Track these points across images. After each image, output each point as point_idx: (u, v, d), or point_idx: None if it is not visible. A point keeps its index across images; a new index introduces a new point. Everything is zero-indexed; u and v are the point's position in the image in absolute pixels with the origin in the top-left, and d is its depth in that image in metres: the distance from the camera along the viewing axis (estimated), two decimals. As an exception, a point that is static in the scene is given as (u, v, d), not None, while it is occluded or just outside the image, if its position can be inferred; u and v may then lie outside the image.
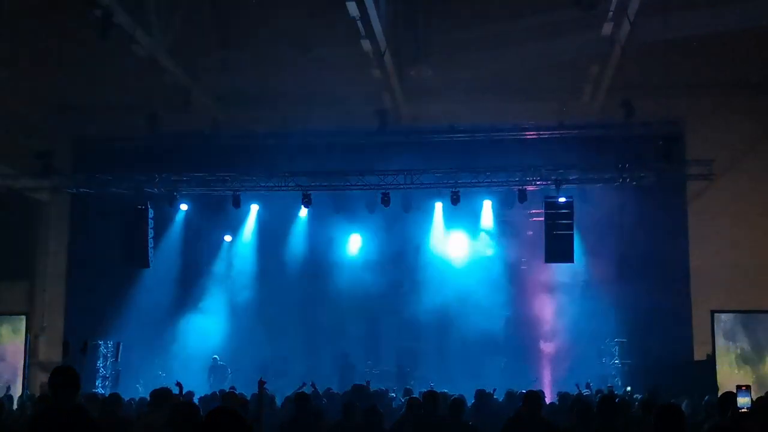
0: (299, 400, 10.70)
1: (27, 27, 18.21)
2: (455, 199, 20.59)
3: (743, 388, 9.28)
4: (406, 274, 22.88)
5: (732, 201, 20.97)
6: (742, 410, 8.89)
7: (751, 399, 9.48)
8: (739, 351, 19.30)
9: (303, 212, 22.51)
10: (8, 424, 10.70)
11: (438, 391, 11.70)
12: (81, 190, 22.12)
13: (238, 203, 21.67)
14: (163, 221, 22.53)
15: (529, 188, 20.49)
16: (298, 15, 18.92)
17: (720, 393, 10.86)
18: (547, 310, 22.02)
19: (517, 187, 20.51)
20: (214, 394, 14.52)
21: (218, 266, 23.74)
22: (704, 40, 18.17)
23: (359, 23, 17.11)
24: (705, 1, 17.56)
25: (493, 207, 22.41)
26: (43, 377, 20.77)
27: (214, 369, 21.76)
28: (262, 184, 21.64)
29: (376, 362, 22.23)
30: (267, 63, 20.52)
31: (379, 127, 21.39)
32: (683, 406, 12.32)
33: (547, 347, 21.95)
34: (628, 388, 18.32)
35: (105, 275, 22.02)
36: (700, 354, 20.43)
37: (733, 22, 17.42)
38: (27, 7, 17.49)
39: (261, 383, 11.30)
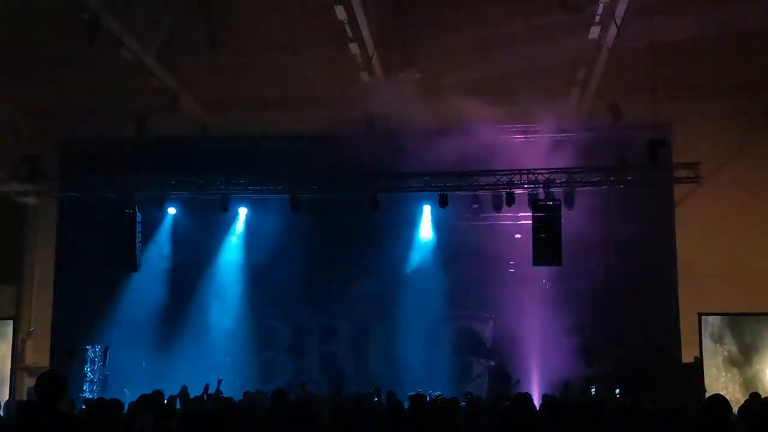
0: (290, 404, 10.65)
1: (13, 30, 18.18)
2: (443, 202, 20.60)
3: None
4: (393, 276, 22.87)
5: (719, 204, 21.05)
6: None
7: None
8: (726, 353, 19.37)
9: (291, 216, 22.43)
10: (-5, 429, 10.66)
11: (426, 393, 11.68)
12: (68, 194, 22.03)
13: (226, 207, 21.62)
14: (151, 225, 22.44)
15: (517, 191, 20.51)
16: (286, 18, 18.94)
17: (707, 395, 10.91)
18: (534, 313, 22.02)
19: (504, 189, 20.52)
20: (201, 397, 14.50)
21: (206, 270, 23.66)
22: (691, 44, 18.26)
23: (347, 26, 17.14)
24: (692, 5, 17.65)
25: (480, 210, 22.40)
26: (30, 382, 20.73)
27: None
28: (251, 188, 21.62)
29: (364, 365, 22.23)
30: (255, 67, 20.53)
31: (367, 131, 21.41)
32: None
33: (533, 349, 21.94)
34: (617, 391, 18.38)
35: (93, 279, 21.94)
36: (687, 356, 20.49)
37: (720, 26, 17.51)
38: (13, 10, 17.46)
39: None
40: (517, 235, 22.37)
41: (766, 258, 20.97)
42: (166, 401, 11.63)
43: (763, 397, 14.13)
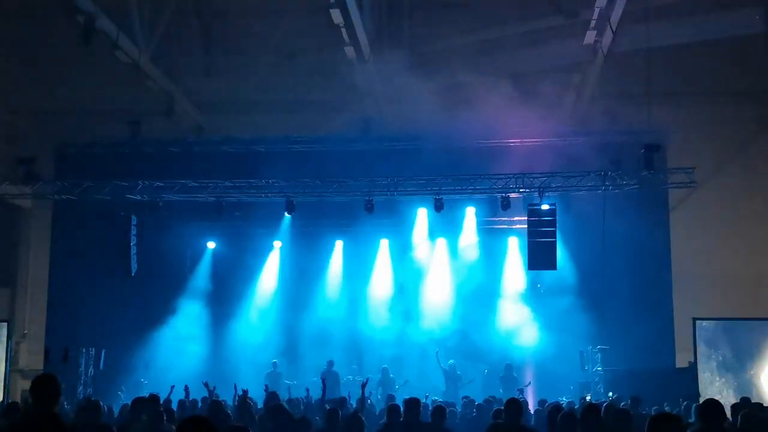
0: (278, 411, 10.59)
1: (9, 32, 18.16)
2: (439, 206, 20.57)
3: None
4: (390, 281, 22.87)
5: (714, 209, 21.10)
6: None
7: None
8: (720, 358, 19.35)
9: (286, 219, 22.38)
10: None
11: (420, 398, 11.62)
12: (63, 196, 21.91)
13: (221, 210, 21.56)
14: (146, 228, 22.34)
15: (513, 195, 20.50)
16: (281, 22, 18.96)
17: (701, 400, 10.92)
18: (530, 317, 22.04)
19: (500, 194, 20.50)
20: (194, 401, 14.44)
21: (201, 274, 23.62)
22: (686, 49, 18.30)
23: (343, 30, 17.15)
24: (687, 10, 17.71)
25: (476, 214, 22.40)
26: (24, 384, 20.68)
27: (272, 375, 21.06)
28: (245, 191, 21.57)
29: (359, 370, 22.19)
30: (250, 69, 20.54)
31: (363, 134, 21.41)
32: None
33: (530, 355, 21.93)
34: (611, 394, 18.35)
35: (87, 282, 21.90)
36: (682, 361, 20.50)
37: (714, 31, 17.57)
38: (8, 12, 17.46)
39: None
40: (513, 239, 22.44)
41: (761, 263, 21.02)
42: (161, 404, 11.60)
43: (756, 402, 14.18)
